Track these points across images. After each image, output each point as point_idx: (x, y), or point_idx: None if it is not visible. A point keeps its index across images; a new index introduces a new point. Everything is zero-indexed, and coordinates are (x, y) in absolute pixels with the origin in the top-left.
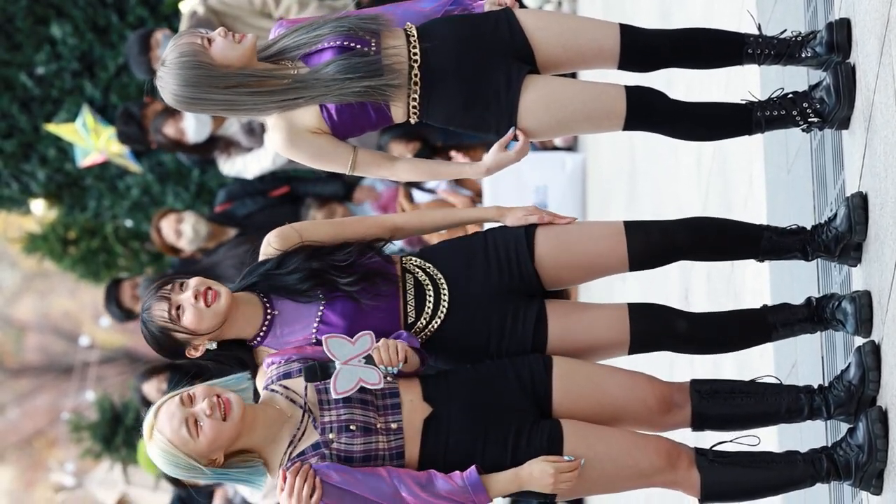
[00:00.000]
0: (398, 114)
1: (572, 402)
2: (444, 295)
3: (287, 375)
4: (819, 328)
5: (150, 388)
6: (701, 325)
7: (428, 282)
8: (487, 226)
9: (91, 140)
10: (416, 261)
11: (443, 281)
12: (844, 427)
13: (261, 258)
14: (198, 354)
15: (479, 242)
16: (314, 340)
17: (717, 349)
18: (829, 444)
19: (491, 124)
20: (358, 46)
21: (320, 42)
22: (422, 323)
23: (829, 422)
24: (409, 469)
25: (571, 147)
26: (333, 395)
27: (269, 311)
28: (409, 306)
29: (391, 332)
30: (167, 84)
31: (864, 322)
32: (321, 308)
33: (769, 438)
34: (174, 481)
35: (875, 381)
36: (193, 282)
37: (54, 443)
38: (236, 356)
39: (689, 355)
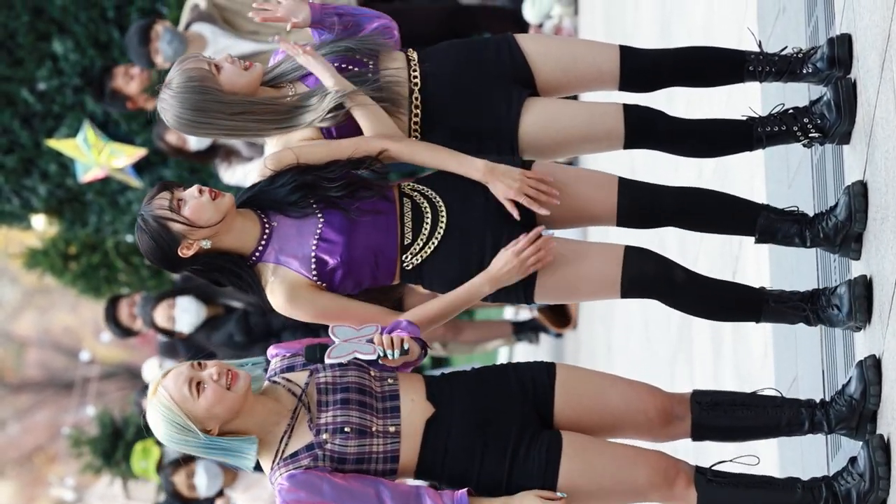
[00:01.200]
0: None
1: (573, 410)
2: (442, 217)
3: (290, 368)
4: (813, 316)
5: None
6: (698, 281)
7: (426, 204)
8: None
9: (92, 155)
10: (414, 185)
11: (441, 204)
12: (845, 441)
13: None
14: (190, 253)
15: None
16: (314, 258)
17: (707, 310)
18: (831, 474)
19: (492, 147)
20: (356, 69)
21: None
22: (418, 245)
23: (830, 439)
24: (399, 482)
25: (572, 161)
26: (326, 361)
27: (266, 223)
28: (406, 228)
29: (388, 248)
30: (170, 107)
31: (859, 298)
32: (320, 225)
33: (769, 454)
34: (174, 495)
35: (876, 395)
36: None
37: (54, 458)
38: (234, 270)
39: (685, 367)
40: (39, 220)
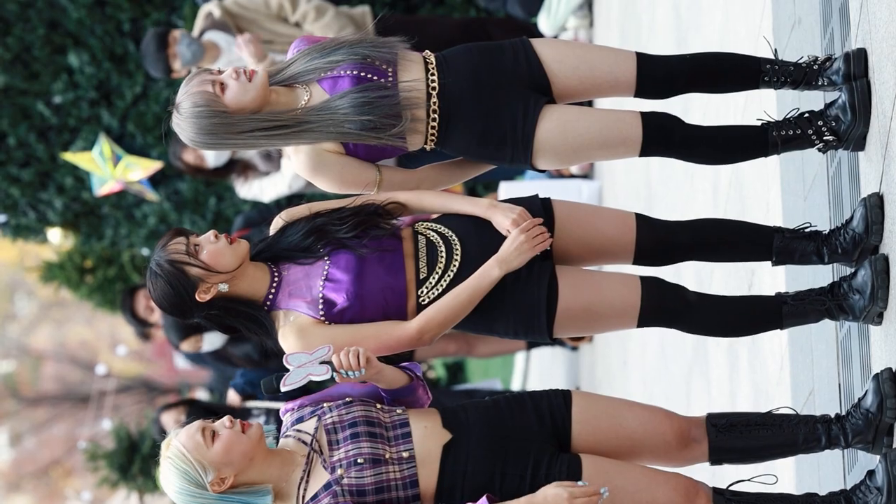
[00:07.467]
0: (416, 140)
1: (591, 434)
2: (457, 251)
3: (300, 420)
4: (836, 307)
5: (168, 418)
6: (712, 299)
7: (440, 240)
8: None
9: (108, 169)
10: (428, 224)
11: (455, 238)
12: (862, 455)
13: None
14: (208, 297)
15: None
16: (321, 298)
17: (727, 326)
18: (849, 487)
19: (507, 153)
20: (374, 78)
21: (336, 68)
22: (434, 278)
23: (846, 453)
24: None
25: (587, 175)
26: (282, 388)
27: (275, 272)
28: (420, 262)
29: (397, 285)
30: (183, 130)
31: (881, 274)
32: (326, 266)
33: (786, 470)
34: None
35: (893, 408)
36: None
37: (71, 472)
38: (250, 315)
39: (701, 382)
40: (55, 234)
